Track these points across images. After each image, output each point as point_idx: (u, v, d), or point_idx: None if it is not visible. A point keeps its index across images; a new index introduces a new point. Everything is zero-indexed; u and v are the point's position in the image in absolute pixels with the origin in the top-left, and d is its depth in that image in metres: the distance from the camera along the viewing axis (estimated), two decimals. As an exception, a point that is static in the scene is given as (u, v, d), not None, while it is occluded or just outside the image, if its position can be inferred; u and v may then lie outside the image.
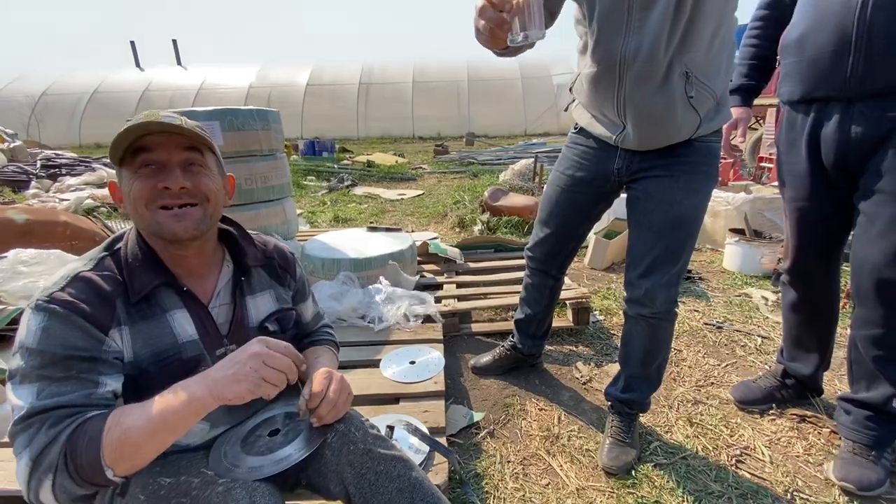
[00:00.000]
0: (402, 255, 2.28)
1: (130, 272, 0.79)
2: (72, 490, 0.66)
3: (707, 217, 3.35)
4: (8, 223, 2.12)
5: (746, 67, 1.47)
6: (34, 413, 0.66)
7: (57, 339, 0.69)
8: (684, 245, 1.27)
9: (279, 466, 0.83)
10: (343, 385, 0.91)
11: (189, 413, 0.70)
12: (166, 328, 0.82)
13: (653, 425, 1.52)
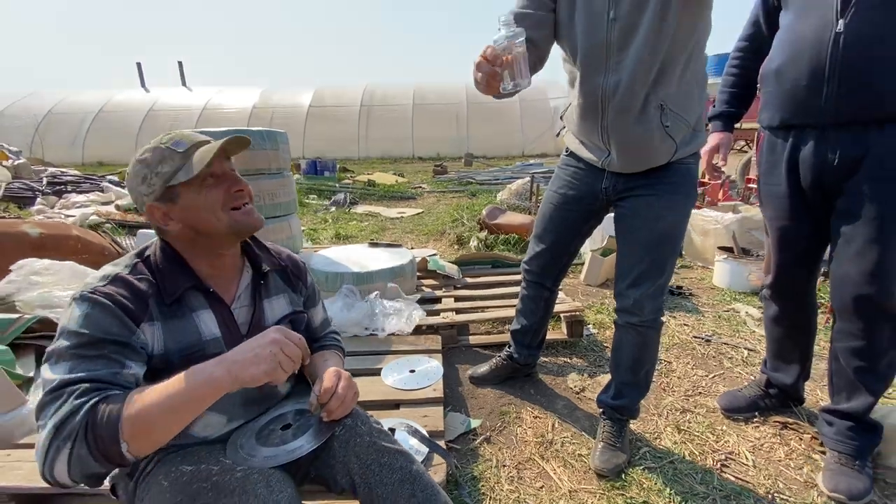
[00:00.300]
0: (403, 269, 2.36)
1: (163, 276, 0.88)
2: (86, 463, 0.69)
3: (697, 235, 3.46)
4: (23, 236, 2.21)
5: (727, 95, 1.55)
6: (64, 384, 0.72)
7: (95, 324, 0.77)
8: (668, 258, 1.37)
9: (292, 456, 0.90)
10: (351, 383, 0.99)
11: (207, 392, 0.76)
12: (193, 326, 0.90)
13: (643, 432, 1.59)
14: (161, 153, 0.84)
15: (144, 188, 0.85)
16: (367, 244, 2.80)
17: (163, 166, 0.83)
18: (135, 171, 0.86)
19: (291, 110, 15.89)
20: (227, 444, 0.95)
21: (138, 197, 0.87)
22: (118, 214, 5.06)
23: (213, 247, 0.92)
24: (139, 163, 0.85)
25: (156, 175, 0.84)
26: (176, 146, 0.84)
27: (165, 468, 0.88)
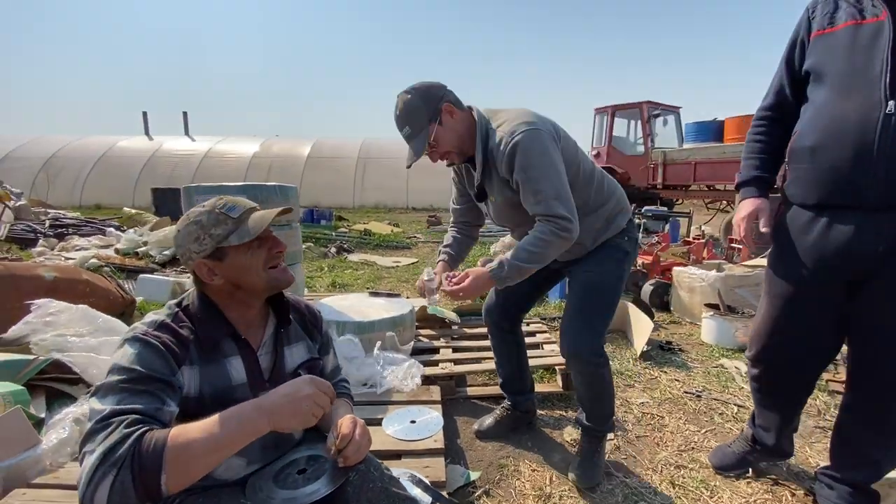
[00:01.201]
0: (403, 319, 2.44)
1: (202, 324, 0.97)
2: (127, 493, 0.73)
3: (684, 292, 3.61)
4: (38, 279, 2.27)
5: (758, 161, 1.48)
6: (115, 414, 0.78)
7: (145, 362, 0.85)
8: (598, 306, 1.55)
9: (310, 499, 0.95)
10: (365, 431, 1.05)
11: (247, 435, 0.83)
12: (224, 372, 0.98)
13: (638, 486, 1.62)
14: (216, 217, 0.95)
15: (195, 246, 0.95)
16: (368, 293, 2.88)
17: (216, 229, 0.94)
18: (188, 230, 0.96)
19: (290, 160, 16.39)
20: (246, 487, 1.00)
21: (187, 253, 0.97)
22: (117, 258, 5.12)
23: (248, 299, 1.02)
24: (194, 224, 0.95)
25: (209, 236, 0.94)
26: (230, 211, 0.96)
27: (187, 510, 0.92)
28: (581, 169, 1.47)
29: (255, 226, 0.95)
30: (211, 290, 1.01)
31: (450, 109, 1.38)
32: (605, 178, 1.59)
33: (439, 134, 1.39)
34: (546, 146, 1.33)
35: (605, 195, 1.55)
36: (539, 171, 1.31)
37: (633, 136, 10.21)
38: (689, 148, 8.30)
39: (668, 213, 6.56)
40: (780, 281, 1.39)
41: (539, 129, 1.34)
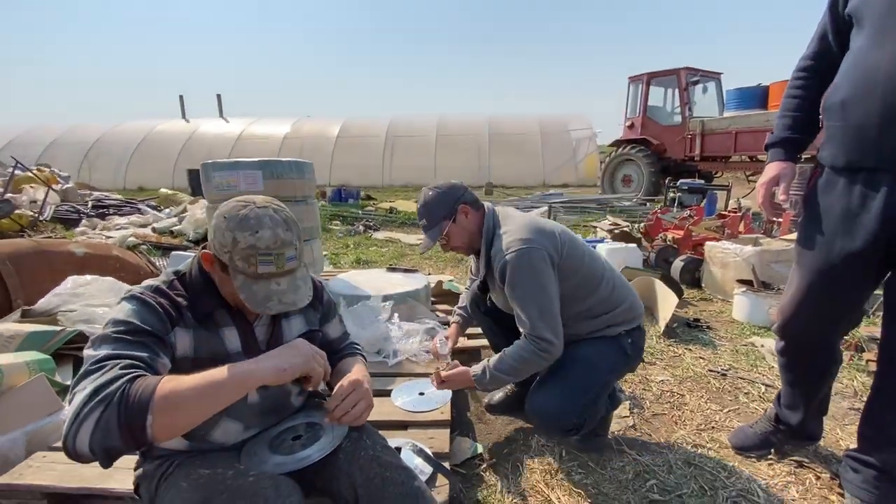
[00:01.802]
0: (418, 293, 2.44)
1: (196, 294, 0.99)
2: (109, 432, 0.72)
3: (716, 268, 3.43)
4: (70, 255, 2.39)
5: (790, 120, 1.36)
6: (107, 358, 0.79)
7: (140, 316, 0.88)
8: (581, 379, 1.47)
9: (300, 464, 0.96)
10: (363, 395, 1.05)
11: (238, 384, 0.84)
12: (218, 339, 1.00)
13: (651, 465, 1.57)
14: (249, 252, 0.89)
15: (216, 242, 0.92)
16: (386, 269, 2.89)
17: (238, 256, 0.90)
18: (225, 226, 0.90)
19: (321, 140, 16.57)
20: (241, 451, 1.02)
21: (213, 238, 0.93)
22: (153, 237, 5.36)
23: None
24: (233, 232, 0.89)
25: (229, 253, 0.90)
26: (262, 262, 0.90)
27: (185, 471, 0.95)
28: (586, 277, 1.48)
29: (260, 297, 0.92)
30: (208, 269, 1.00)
31: (465, 210, 1.52)
32: (616, 287, 1.53)
33: (451, 230, 1.53)
34: (535, 266, 1.38)
35: (612, 303, 1.51)
36: (525, 290, 1.38)
37: (670, 105, 9.67)
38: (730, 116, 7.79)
39: (704, 186, 6.23)
40: (809, 250, 1.29)
41: (533, 247, 1.38)
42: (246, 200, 0.95)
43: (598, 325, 1.50)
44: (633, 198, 8.63)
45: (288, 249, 0.94)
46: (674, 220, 4.29)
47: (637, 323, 1.56)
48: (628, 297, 1.54)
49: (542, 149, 15.98)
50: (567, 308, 1.48)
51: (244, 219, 0.90)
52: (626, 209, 7.88)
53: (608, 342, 1.50)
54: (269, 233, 0.91)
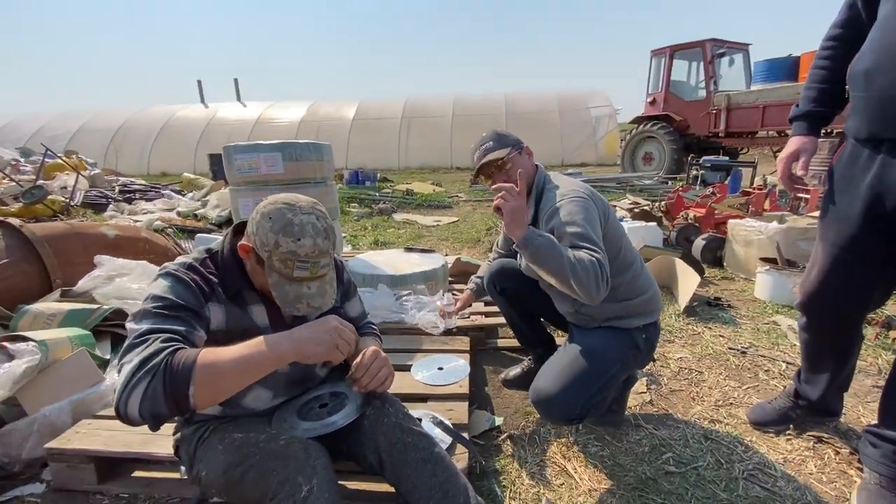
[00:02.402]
0: (435, 273, 2.47)
1: (226, 273, 1.03)
2: (157, 400, 0.79)
3: (739, 246, 3.36)
4: (101, 237, 2.50)
5: (815, 92, 1.32)
6: (151, 332, 0.86)
7: (176, 292, 0.94)
8: (589, 369, 1.41)
9: (327, 429, 1.02)
10: (383, 362, 1.10)
11: (273, 360, 0.89)
12: (248, 316, 1.05)
13: (668, 438, 1.59)
14: (287, 256, 0.93)
15: (256, 237, 0.95)
16: (403, 249, 2.93)
17: (276, 258, 0.94)
18: (268, 225, 0.94)
19: (336, 123, 16.56)
20: (272, 418, 1.08)
21: (254, 234, 0.96)
22: (178, 220, 5.52)
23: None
24: (275, 233, 0.93)
25: (268, 251, 0.94)
26: (299, 266, 0.94)
27: (220, 435, 1.02)
28: (620, 255, 1.44)
29: (291, 297, 0.96)
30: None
31: (529, 152, 1.53)
32: (643, 276, 1.50)
33: (516, 160, 1.48)
34: (591, 212, 1.34)
35: (635, 290, 1.48)
36: (581, 218, 1.30)
37: (694, 79, 9.31)
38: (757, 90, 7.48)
39: (729, 163, 6.04)
40: (832, 225, 1.27)
41: (589, 200, 1.37)
42: (291, 203, 0.97)
43: (618, 311, 1.47)
44: (654, 176, 8.44)
45: (324, 258, 0.98)
46: (696, 198, 4.19)
47: (654, 318, 1.52)
48: (651, 289, 1.52)
49: (560, 127, 15.65)
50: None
51: (289, 224, 0.93)
52: (646, 188, 7.72)
53: (621, 335, 1.46)
54: (310, 242, 0.94)
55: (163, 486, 1.36)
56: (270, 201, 0.99)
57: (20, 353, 1.53)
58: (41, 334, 1.63)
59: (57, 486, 1.38)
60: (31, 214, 5.02)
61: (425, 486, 1.01)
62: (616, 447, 1.56)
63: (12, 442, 1.44)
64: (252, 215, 0.99)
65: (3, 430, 1.44)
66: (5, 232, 2.19)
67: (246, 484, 0.94)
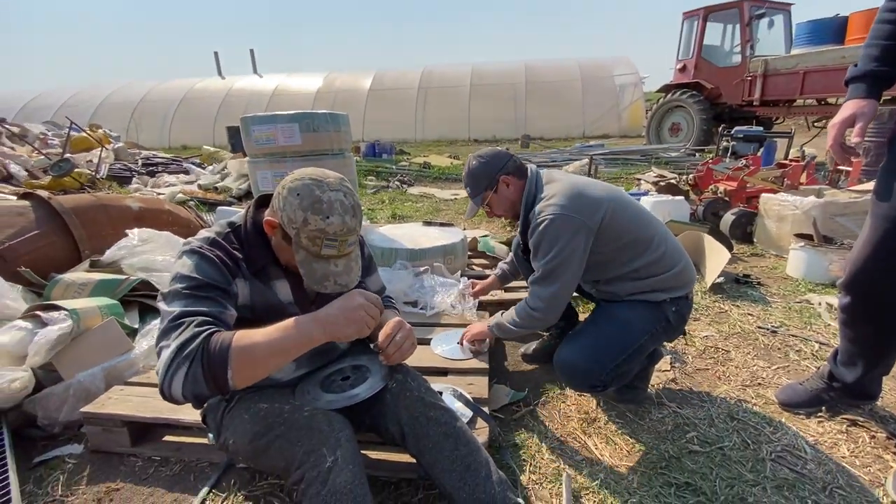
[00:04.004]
0: (455, 247, 2.44)
1: (250, 248, 1.02)
2: (198, 383, 0.83)
3: (772, 221, 3.22)
4: (126, 209, 2.53)
5: (878, 49, 1.20)
6: (184, 315, 0.87)
7: (203, 271, 0.93)
8: (615, 340, 1.44)
9: (350, 401, 1.02)
10: (409, 333, 1.10)
11: (305, 343, 0.90)
12: (272, 292, 1.05)
13: (692, 418, 1.56)
14: (316, 234, 0.91)
15: (283, 214, 0.92)
16: (422, 223, 2.89)
17: (305, 236, 0.92)
18: (296, 202, 0.91)
19: (352, 94, 16.34)
20: (295, 389, 1.09)
21: (281, 210, 0.93)
22: (200, 193, 5.58)
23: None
24: (304, 210, 0.90)
25: (296, 229, 0.92)
26: (326, 244, 0.93)
27: (246, 404, 1.03)
28: (633, 241, 1.43)
29: (318, 275, 0.95)
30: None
31: (506, 181, 1.53)
32: (668, 252, 1.46)
33: (493, 200, 1.56)
34: (560, 235, 1.36)
35: (660, 267, 1.45)
36: (544, 254, 1.39)
37: (729, 43, 8.78)
38: (798, 54, 6.99)
39: (763, 133, 5.74)
40: (886, 200, 1.18)
41: (564, 215, 1.36)
42: (319, 179, 0.94)
43: (642, 287, 1.45)
44: (681, 148, 8.10)
45: (351, 236, 0.96)
46: (727, 171, 4.01)
47: (685, 292, 1.48)
48: (679, 264, 1.47)
49: (582, 97, 15.10)
50: (608, 269, 1.46)
51: (318, 202, 0.91)
52: (672, 160, 7.43)
53: (650, 307, 1.45)
54: (339, 219, 0.92)
55: (192, 450, 1.40)
56: (297, 176, 0.96)
57: (53, 321, 1.57)
58: (72, 303, 1.67)
59: (94, 447, 1.44)
60: (60, 187, 5.14)
61: (447, 461, 1.01)
62: (638, 424, 1.54)
63: (50, 405, 1.50)
64: (278, 189, 0.97)
65: (41, 395, 1.50)
66: (34, 204, 2.24)
67: (272, 453, 0.96)
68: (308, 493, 0.87)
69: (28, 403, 1.48)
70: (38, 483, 1.34)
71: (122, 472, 1.37)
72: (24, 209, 2.18)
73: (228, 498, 1.25)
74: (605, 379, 1.39)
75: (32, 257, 2.06)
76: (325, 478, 0.86)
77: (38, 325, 1.58)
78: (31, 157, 6.23)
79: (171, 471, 1.36)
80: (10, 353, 1.49)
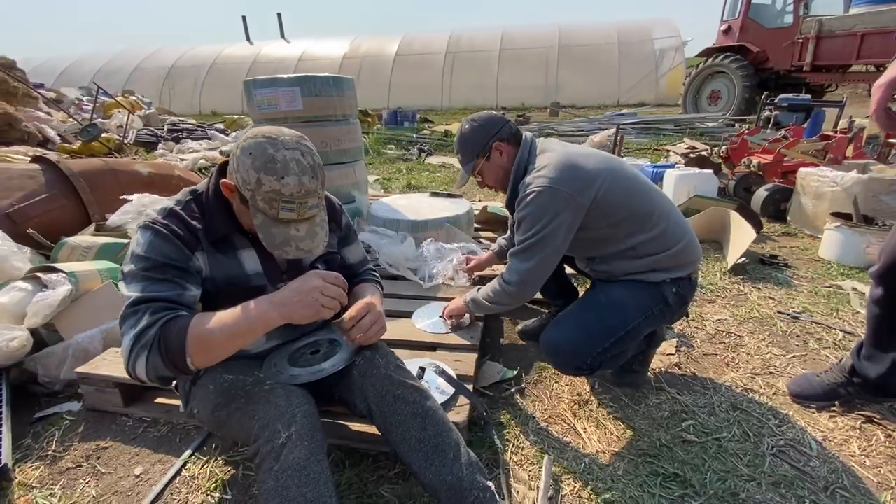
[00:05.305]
0: (458, 219, 2.36)
1: (211, 216, 0.98)
2: (159, 368, 0.85)
3: (808, 198, 2.98)
4: (136, 174, 2.56)
5: None
6: (140, 301, 0.86)
7: (158, 250, 0.90)
8: (606, 322, 1.35)
9: (313, 377, 0.99)
10: (377, 317, 1.04)
11: (260, 328, 0.88)
12: (236, 262, 1.01)
13: (691, 404, 1.48)
14: (272, 196, 0.86)
15: (241, 179, 0.87)
16: (429, 193, 2.82)
17: (260, 197, 0.87)
18: (249, 162, 0.86)
19: (379, 59, 16.02)
20: (263, 362, 1.07)
21: (236, 170, 0.88)
22: (221, 159, 5.65)
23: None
24: (257, 170, 0.85)
25: (251, 192, 0.87)
26: (284, 207, 0.88)
27: (212, 375, 1.02)
28: (629, 217, 1.32)
29: (278, 240, 0.91)
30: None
31: (500, 148, 1.42)
32: (669, 229, 1.34)
33: (484, 168, 1.47)
34: (546, 209, 1.28)
35: (659, 245, 1.33)
36: (526, 228, 1.32)
37: (780, 1, 8.01)
38: (857, 13, 6.32)
39: (810, 102, 5.27)
40: None
41: (552, 188, 1.27)
42: (273, 137, 0.89)
43: (640, 266, 1.34)
44: (719, 118, 7.59)
45: (311, 198, 0.90)
46: (763, 142, 3.71)
47: (687, 272, 1.36)
48: (681, 242, 1.34)
49: (619, 62, 14.28)
50: (603, 246, 1.36)
51: (271, 161, 0.86)
52: (708, 131, 6.98)
53: (648, 287, 1.34)
54: (295, 180, 0.87)
55: (180, 413, 1.43)
56: (251, 134, 0.91)
57: (52, 283, 1.61)
58: (71, 266, 1.71)
59: (89, 406, 1.49)
60: (89, 151, 5.30)
61: (414, 440, 0.98)
62: (633, 409, 1.47)
63: (51, 364, 1.56)
64: (233, 149, 0.92)
65: (42, 353, 1.56)
66: (45, 167, 2.28)
67: (232, 424, 0.95)
68: (262, 467, 0.85)
69: (29, 362, 1.54)
70: (36, 438, 1.40)
71: (112, 430, 1.41)
72: (34, 172, 2.23)
73: (209, 462, 1.27)
74: (591, 363, 1.31)
75: (42, 220, 2.12)
76: (279, 453, 0.84)
77: (38, 287, 1.62)
78: (67, 121, 6.42)
79: (159, 432, 1.40)
80: (9, 314, 1.54)
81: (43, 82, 10.42)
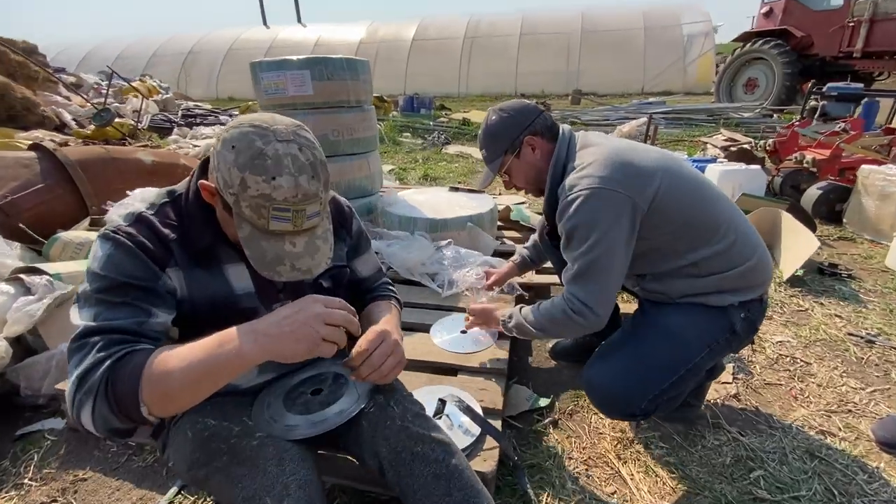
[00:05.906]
0: (481, 218, 2.14)
1: (192, 222, 0.79)
2: (109, 419, 0.65)
3: (871, 199, 2.68)
4: (139, 163, 2.40)
5: None
6: (87, 333, 0.67)
7: (118, 267, 0.71)
8: (664, 359, 1.13)
9: (313, 430, 0.80)
10: (393, 349, 0.84)
11: (235, 367, 0.67)
12: (221, 279, 0.82)
13: (758, 449, 1.26)
14: (260, 202, 0.67)
15: (222, 179, 0.68)
16: (448, 188, 2.60)
17: (248, 205, 0.68)
18: (232, 158, 0.67)
19: (395, 44, 15.69)
20: (255, 400, 0.89)
21: (216, 168, 0.69)
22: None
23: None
24: (242, 169, 0.66)
25: (234, 196, 0.68)
26: (272, 219, 0.69)
27: (192, 417, 0.83)
28: (694, 226, 1.10)
29: (269, 258, 0.72)
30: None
31: (532, 143, 1.20)
32: (738, 242, 1.11)
33: (513, 167, 1.24)
34: (602, 214, 1.04)
35: (728, 261, 1.10)
36: (581, 240, 1.06)
37: (830, -19, 7.45)
38: (921, -7, 5.78)
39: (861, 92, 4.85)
40: None
41: (609, 189, 1.03)
42: (263, 126, 0.68)
43: (703, 286, 1.11)
44: (756, 107, 7.13)
45: (311, 204, 0.70)
46: (817, 136, 3.38)
47: (759, 293, 1.13)
48: (754, 257, 1.11)
49: (644, 47, 13.68)
50: (658, 262, 1.13)
51: (259, 157, 0.66)
52: (744, 122, 6.57)
53: (711, 312, 1.11)
54: (290, 181, 0.66)
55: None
56: (236, 123, 0.70)
57: (35, 286, 1.46)
58: (58, 266, 1.56)
59: (71, 425, 1.35)
60: (103, 136, 5.21)
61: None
62: (687, 452, 1.26)
63: (34, 375, 1.41)
64: (213, 142, 0.71)
65: (24, 364, 1.41)
66: (40, 155, 2.13)
67: (212, 486, 0.77)
68: (245, 550, 0.67)
69: (11, 372, 1.40)
70: (14, 461, 1.26)
71: (94, 457, 1.26)
72: (29, 160, 2.09)
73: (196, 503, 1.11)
74: (646, 407, 1.10)
75: (37, 212, 1.97)
76: (266, 535, 0.66)
77: (21, 290, 1.47)
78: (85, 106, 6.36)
79: (144, 461, 1.24)
80: (-13, 320, 1.39)
81: (64, 67, 10.43)
